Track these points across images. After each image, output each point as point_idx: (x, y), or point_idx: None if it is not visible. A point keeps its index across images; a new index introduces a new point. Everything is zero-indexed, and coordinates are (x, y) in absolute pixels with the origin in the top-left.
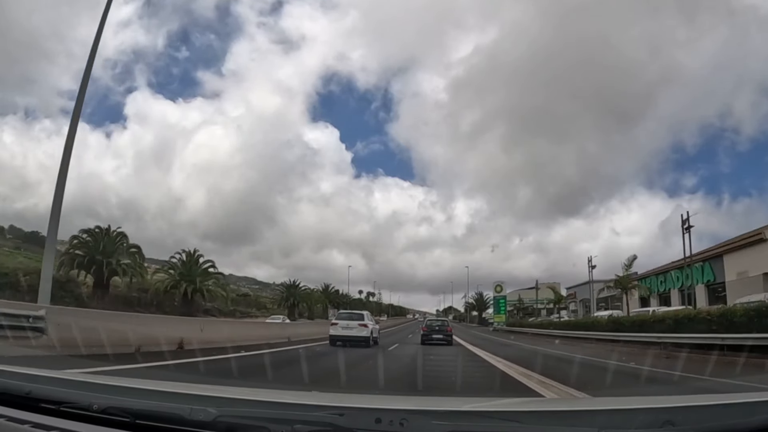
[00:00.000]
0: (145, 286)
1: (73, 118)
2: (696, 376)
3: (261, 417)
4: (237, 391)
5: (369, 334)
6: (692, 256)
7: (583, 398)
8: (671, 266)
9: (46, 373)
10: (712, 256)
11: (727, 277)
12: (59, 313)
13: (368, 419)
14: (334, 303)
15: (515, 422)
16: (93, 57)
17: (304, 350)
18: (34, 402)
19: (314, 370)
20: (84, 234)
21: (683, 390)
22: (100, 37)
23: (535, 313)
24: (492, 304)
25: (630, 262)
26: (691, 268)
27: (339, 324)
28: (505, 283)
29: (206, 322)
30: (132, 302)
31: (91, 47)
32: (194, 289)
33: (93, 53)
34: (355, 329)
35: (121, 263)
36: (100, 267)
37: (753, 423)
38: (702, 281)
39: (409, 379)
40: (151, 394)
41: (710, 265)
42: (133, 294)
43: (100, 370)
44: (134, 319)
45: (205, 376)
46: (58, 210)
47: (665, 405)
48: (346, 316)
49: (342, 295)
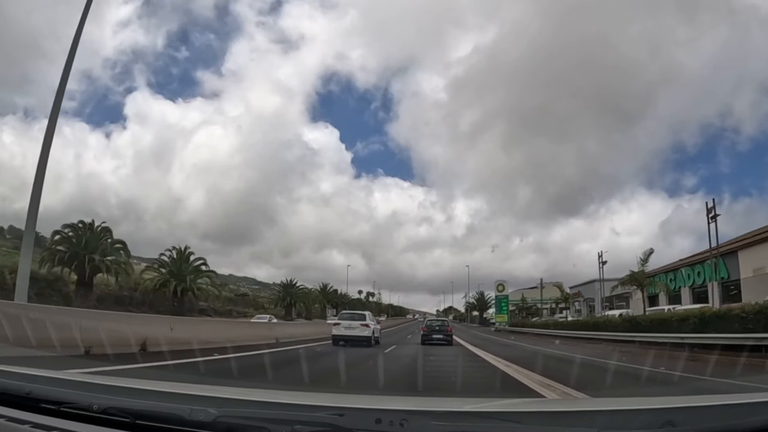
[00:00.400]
0: (131, 284)
1: (52, 114)
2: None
3: (261, 417)
4: (237, 392)
5: (371, 334)
6: (707, 251)
7: (584, 399)
8: (682, 263)
9: (47, 373)
10: (726, 252)
11: (743, 274)
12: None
13: (368, 419)
14: (332, 303)
15: (515, 423)
16: (74, 51)
17: (291, 353)
18: (34, 402)
19: (294, 376)
20: (66, 229)
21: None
22: (81, 32)
23: (538, 313)
24: (493, 303)
25: (646, 257)
26: (705, 264)
27: (341, 324)
28: (507, 282)
29: (179, 321)
30: (124, 301)
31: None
32: (184, 288)
33: (74, 48)
34: (357, 329)
35: (105, 260)
36: (83, 263)
37: (754, 423)
38: (716, 278)
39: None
40: (151, 395)
41: (724, 262)
42: (124, 293)
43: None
44: (86, 315)
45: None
46: (36, 207)
47: (666, 405)
48: (348, 316)
49: (341, 294)
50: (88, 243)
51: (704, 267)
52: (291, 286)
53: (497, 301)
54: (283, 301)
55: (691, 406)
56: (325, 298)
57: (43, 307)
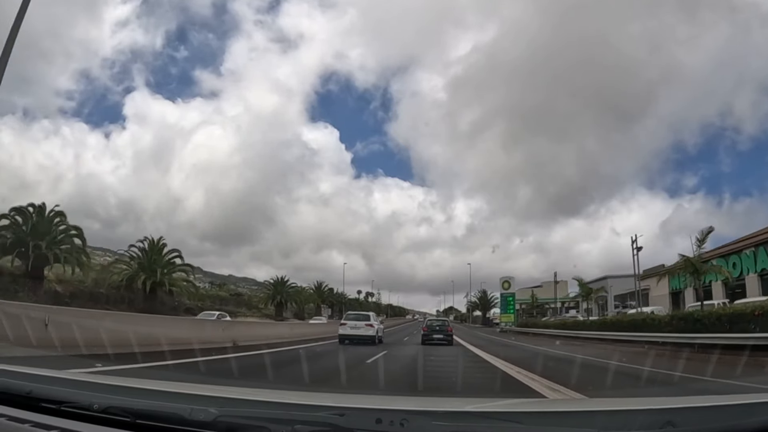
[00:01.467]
0: (89, 278)
1: None
2: None
3: (261, 417)
4: (237, 391)
5: (374, 333)
6: (738, 241)
7: (584, 399)
8: (712, 254)
9: (48, 372)
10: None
11: None
12: None
13: (369, 419)
14: (328, 302)
15: (516, 423)
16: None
17: (242, 361)
18: (35, 401)
19: None
20: (12, 212)
21: None
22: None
23: (547, 313)
24: (497, 303)
25: (704, 236)
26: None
27: (347, 324)
28: (514, 278)
29: (61, 312)
30: (99, 298)
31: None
32: (155, 282)
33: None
34: (362, 329)
35: (55, 249)
36: (27, 251)
37: (753, 424)
38: (755, 270)
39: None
40: (151, 394)
41: (765, 251)
42: (100, 290)
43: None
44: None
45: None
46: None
47: (665, 406)
48: (354, 317)
49: (337, 294)
50: (37, 228)
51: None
52: (282, 283)
53: (502, 299)
54: (273, 299)
55: (691, 406)
56: (320, 297)
57: None
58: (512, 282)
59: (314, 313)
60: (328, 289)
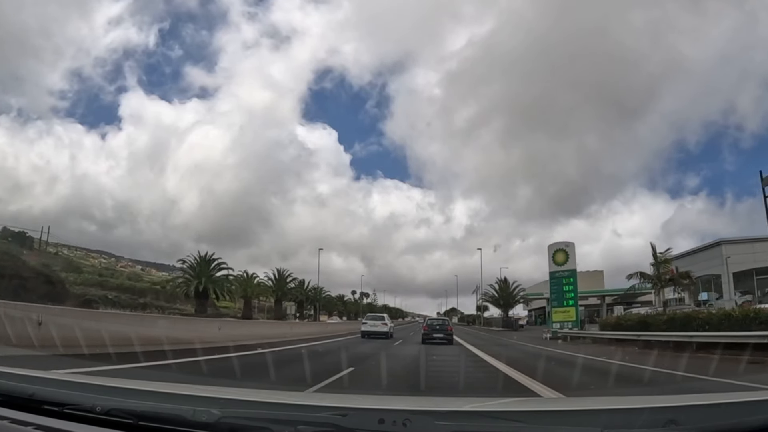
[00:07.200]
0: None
1: None
2: None
3: (264, 418)
4: (240, 392)
5: (388, 330)
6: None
7: (586, 398)
8: None
9: (49, 375)
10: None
11: None
12: None
13: (371, 419)
14: (310, 300)
15: (518, 422)
16: None
17: None
18: (37, 404)
19: None
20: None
21: None
22: None
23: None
24: (522, 297)
25: None
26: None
27: (368, 323)
28: (573, 245)
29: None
30: None
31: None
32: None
33: None
34: (378, 326)
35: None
36: None
37: (756, 422)
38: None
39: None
40: (154, 396)
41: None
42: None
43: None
44: None
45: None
46: None
47: (668, 404)
48: (372, 317)
49: (310, 289)
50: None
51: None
52: (206, 263)
53: (554, 281)
54: (189, 287)
55: (694, 404)
56: (280, 290)
57: None
58: (570, 251)
59: (275, 309)
60: (312, 288)
